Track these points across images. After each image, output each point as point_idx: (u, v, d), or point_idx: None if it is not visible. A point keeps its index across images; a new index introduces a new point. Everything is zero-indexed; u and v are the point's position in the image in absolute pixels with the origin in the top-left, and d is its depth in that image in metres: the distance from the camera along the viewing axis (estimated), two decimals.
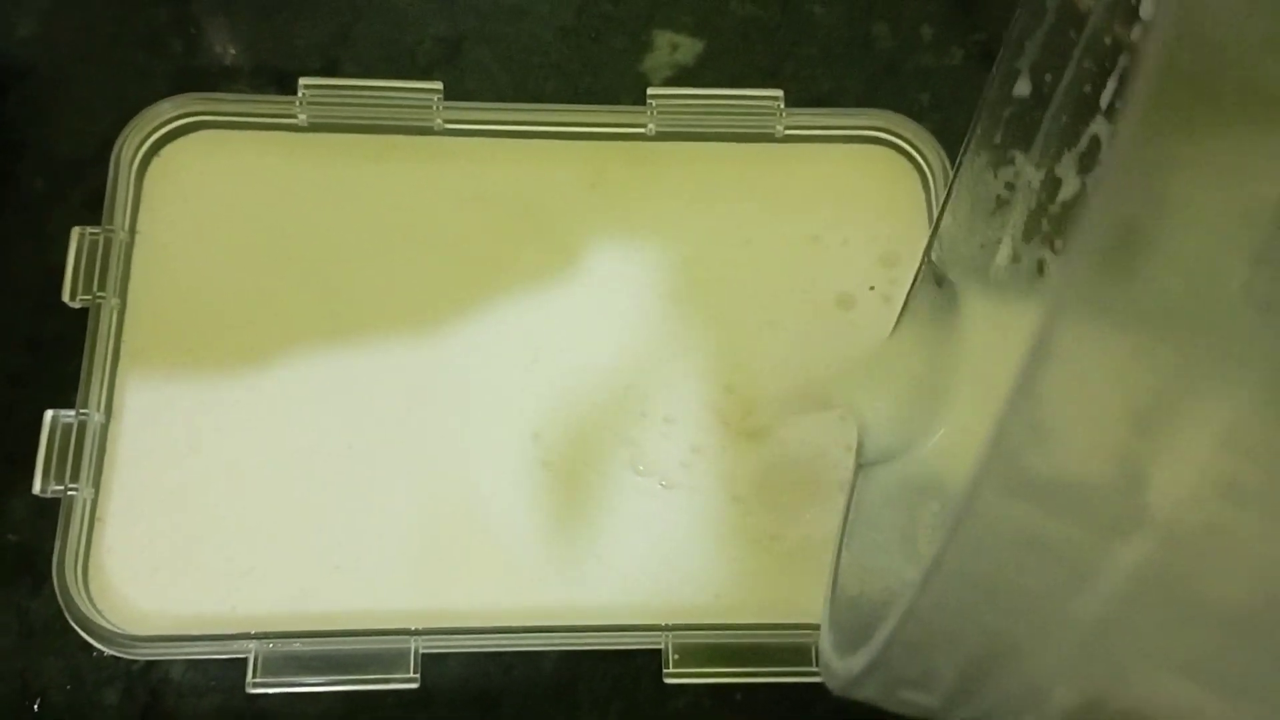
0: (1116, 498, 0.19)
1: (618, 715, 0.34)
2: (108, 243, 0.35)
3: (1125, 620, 0.20)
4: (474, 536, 0.34)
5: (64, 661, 0.33)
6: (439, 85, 0.38)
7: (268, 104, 0.38)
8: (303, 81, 0.38)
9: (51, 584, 0.32)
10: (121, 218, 0.36)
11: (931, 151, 0.38)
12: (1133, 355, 0.18)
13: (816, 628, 0.32)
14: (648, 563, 0.34)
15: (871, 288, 0.37)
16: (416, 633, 0.32)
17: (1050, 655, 0.20)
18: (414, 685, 0.32)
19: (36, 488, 0.33)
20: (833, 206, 0.38)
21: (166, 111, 0.37)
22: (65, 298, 0.35)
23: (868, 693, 0.24)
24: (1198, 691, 0.20)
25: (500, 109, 0.38)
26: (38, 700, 0.33)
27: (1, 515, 0.34)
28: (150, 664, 0.33)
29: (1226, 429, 0.18)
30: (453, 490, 0.34)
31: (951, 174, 0.37)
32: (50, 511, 0.33)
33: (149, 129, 0.37)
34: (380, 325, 0.36)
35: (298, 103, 0.37)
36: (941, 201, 0.37)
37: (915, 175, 0.39)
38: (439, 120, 0.38)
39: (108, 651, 0.32)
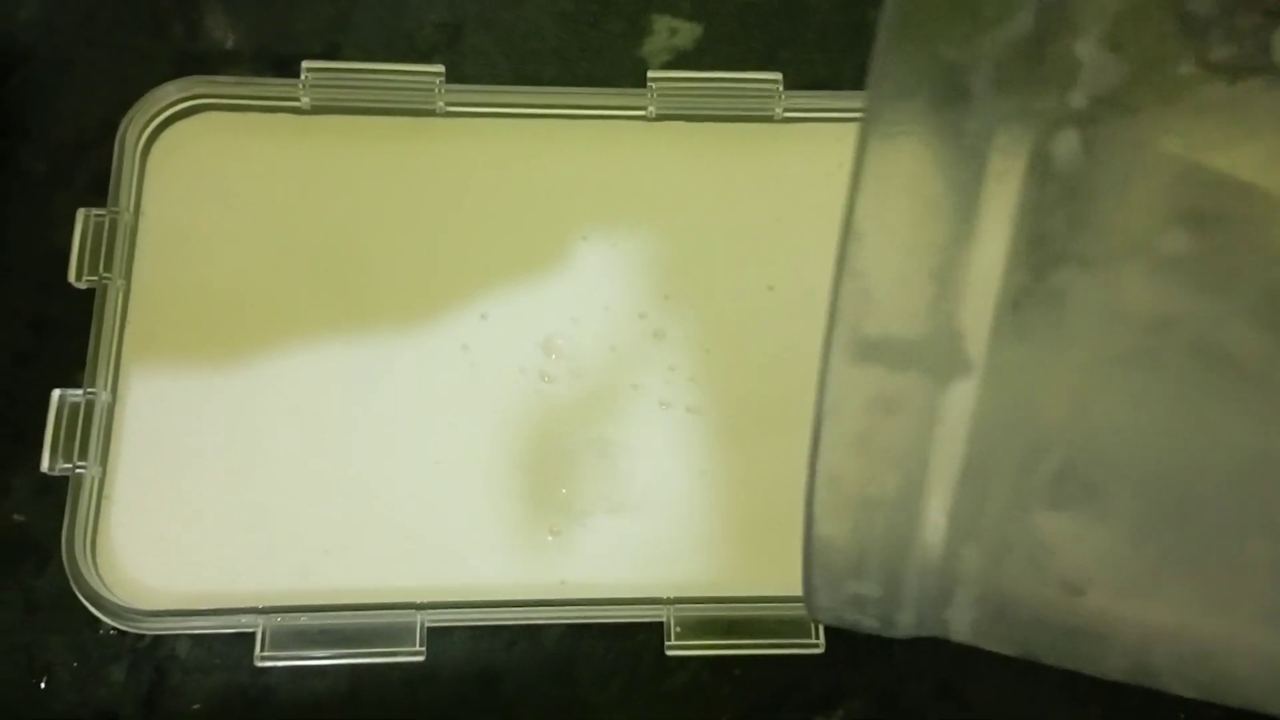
0: (941, 347, 0.22)
1: (619, 688, 0.34)
2: (113, 224, 0.36)
3: (980, 461, 0.23)
4: (477, 511, 0.34)
5: (69, 639, 0.34)
6: (441, 69, 0.38)
7: (271, 86, 0.38)
8: (306, 65, 0.38)
9: (56, 562, 0.33)
10: (127, 199, 0.36)
11: None
12: (918, 223, 0.22)
13: None
14: (650, 537, 0.34)
15: None
16: (422, 606, 0.32)
17: (932, 510, 0.23)
18: (420, 659, 0.32)
19: (45, 465, 0.33)
20: (831, 184, 0.38)
21: (171, 94, 0.37)
22: (71, 278, 0.35)
23: (822, 602, 0.26)
24: (1065, 521, 0.23)
25: (502, 92, 0.39)
26: (44, 677, 0.33)
27: (6, 494, 0.35)
28: (156, 641, 0.33)
29: (999, 277, 0.22)
30: (457, 466, 0.35)
31: None
32: (55, 490, 0.34)
33: (153, 111, 0.37)
34: (383, 304, 0.36)
35: (301, 85, 0.38)
36: None
37: None
38: (441, 103, 0.38)
39: (116, 627, 0.32)
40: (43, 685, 0.33)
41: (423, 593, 0.33)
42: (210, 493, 0.34)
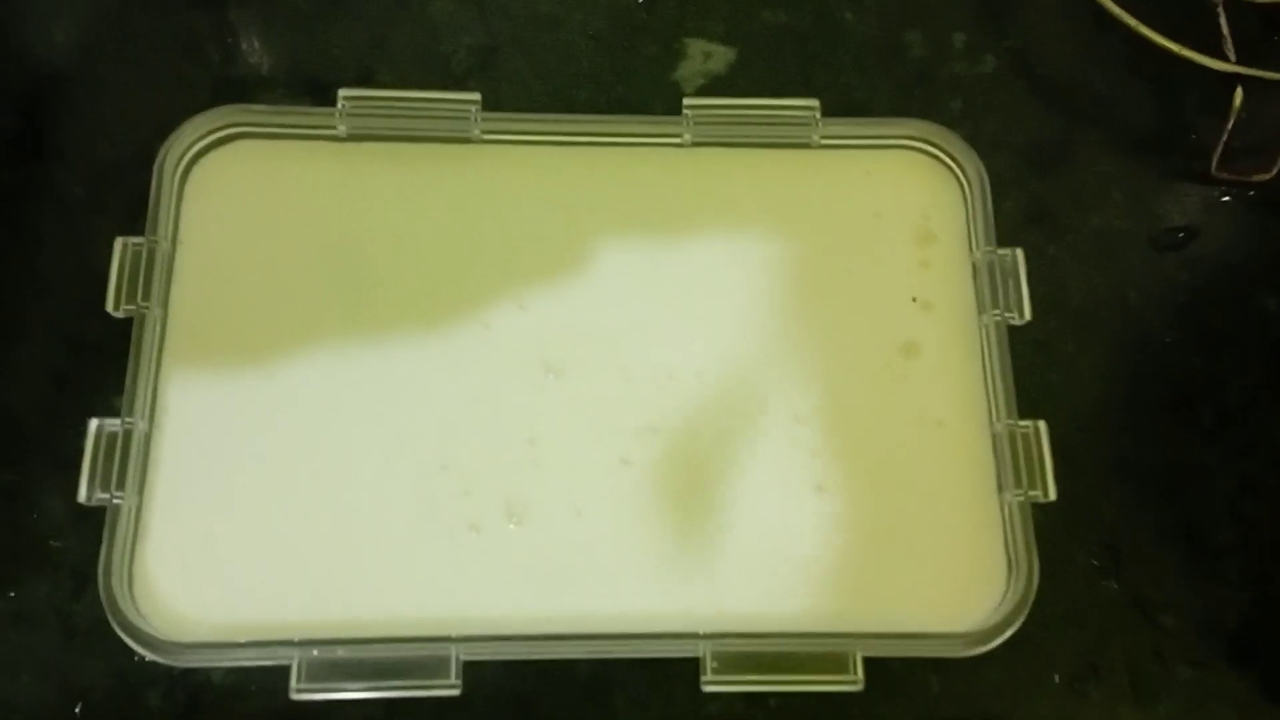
0: None
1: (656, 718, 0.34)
2: (150, 253, 0.36)
3: None
4: (512, 543, 0.34)
5: (106, 664, 0.34)
6: (477, 96, 0.38)
7: (308, 115, 0.38)
8: (342, 93, 0.38)
9: (93, 587, 0.33)
10: (164, 228, 0.36)
11: (967, 159, 0.38)
12: None
13: (853, 636, 0.33)
14: (686, 569, 0.34)
15: (914, 299, 0.37)
16: (458, 639, 0.32)
17: None
18: (455, 692, 0.32)
19: (82, 496, 0.33)
20: (869, 213, 0.38)
21: (208, 123, 0.37)
22: (109, 307, 0.35)
23: None
24: None
25: (538, 120, 0.39)
26: (79, 703, 0.33)
27: (44, 519, 0.35)
28: (191, 668, 0.33)
29: None
30: (492, 498, 0.34)
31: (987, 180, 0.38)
32: (92, 515, 0.34)
33: (190, 140, 0.37)
34: (419, 332, 0.36)
35: (337, 114, 0.38)
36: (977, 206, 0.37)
37: (952, 181, 0.39)
38: (477, 130, 0.38)
39: (153, 658, 0.32)
40: (77, 710, 0.33)
41: (458, 625, 0.33)
42: (247, 522, 0.34)
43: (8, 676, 0.34)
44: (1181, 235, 0.40)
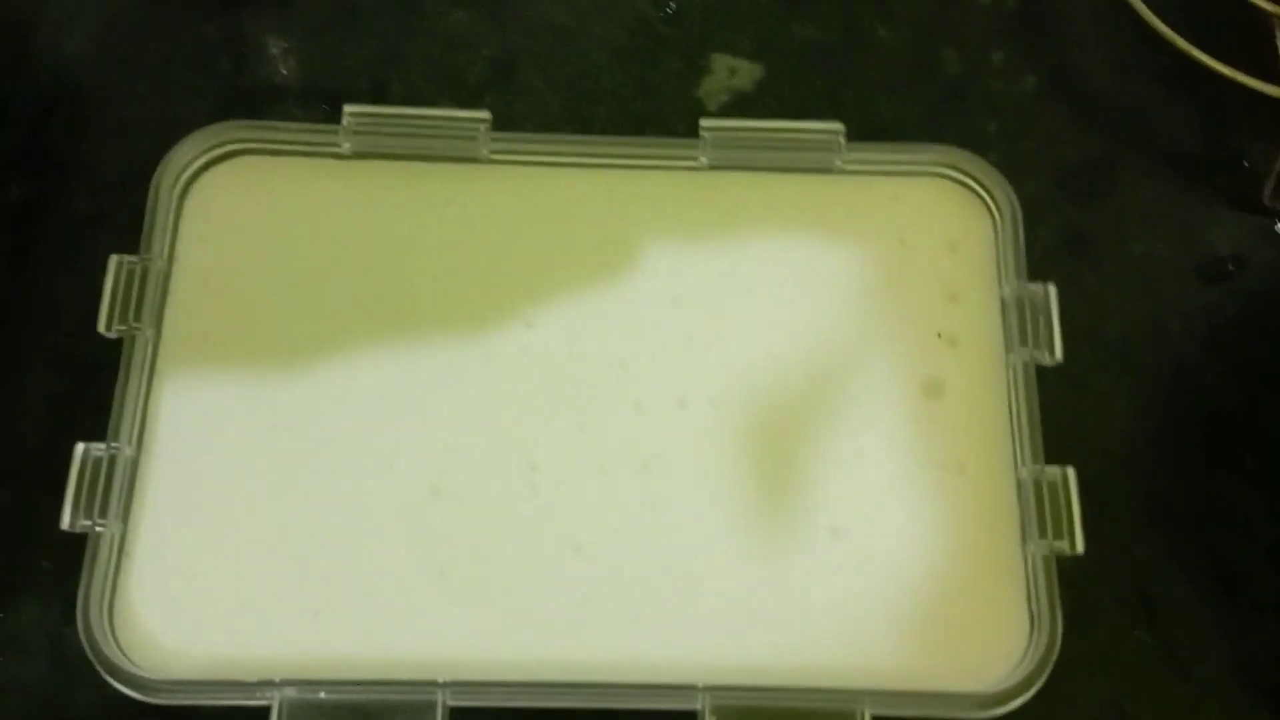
0: None
1: None
2: (144, 271, 0.35)
3: None
4: (502, 583, 0.33)
5: (94, 692, 0.33)
6: (486, 115, 0.37)
7: (310, 132, 0.37)
8: (348, 109, 0.37)
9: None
10: (160, 245, 0.35)
11: (998, 188, 0.36)
12: None
13: (862, 692, 0.31)
14: (682, 616, 0.32)
15: (939, 334, 0.35)
16: (444, 685, 0.31)
17: None
18: None
19: (65, 522, 0.32)
20: (894, 243, 0.36)
21: (208, 139, 0.36)
22: (101, 328, 0.34)
23: None
24: None
25: (548, 140, 0.37)
26: None
27: (36, 541, 0.34)
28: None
29: None
30: (484, 535, 0.33)
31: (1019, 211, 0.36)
32: (83, 538, 0.33)
33: (190, 156, 0.36)
34: (421, 360, 0.35)
35: (342, 131, 0.37)
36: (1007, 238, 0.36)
37: (982, 212, 0.37)
38: (485, 150, 0.37)
39: (130, 694, 0.31)
40: None
41: (449, 669, 0.31)
42: (232, 553, 0.33)
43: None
44: (1230, 266, 0.38)
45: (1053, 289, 0.35)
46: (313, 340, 0.35)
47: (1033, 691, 0.31)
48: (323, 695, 0.31)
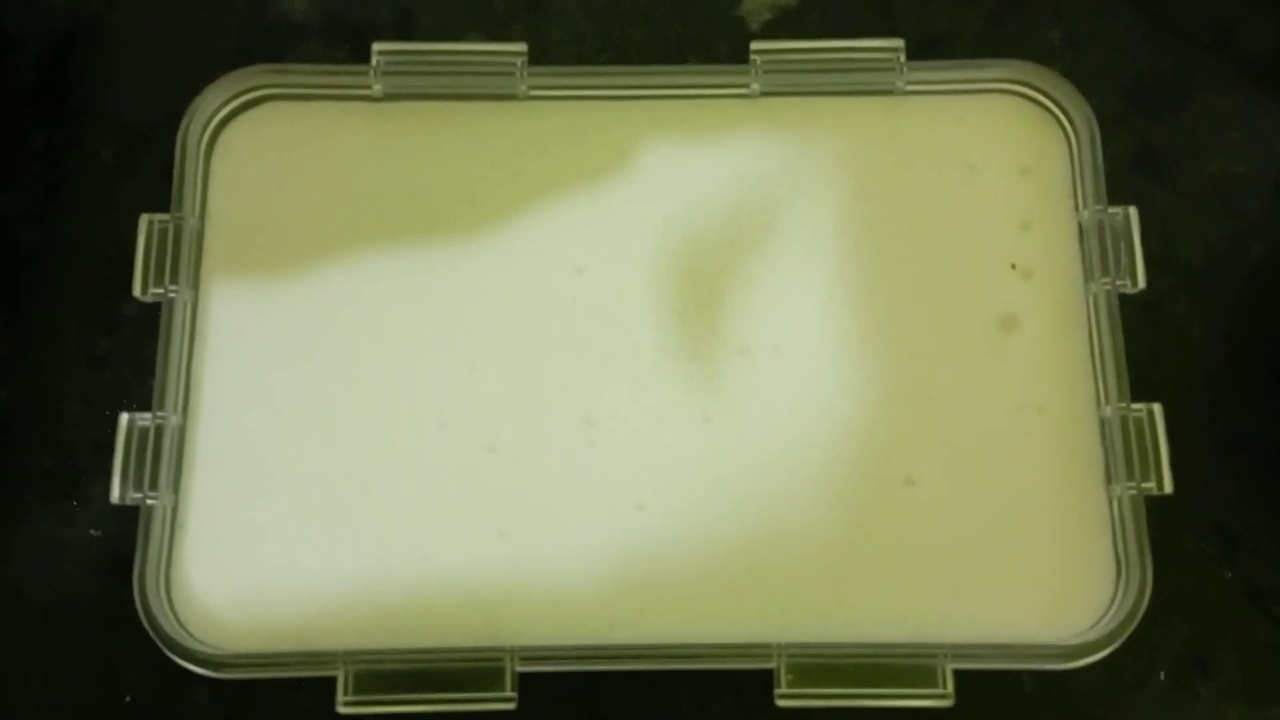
0: None
1: None
2: (178, 230, 0.33)
3: None
4: (565, 544, 0.32)
5: (155, 658, 0.32)
6: (523, 47, 0.35)
7: (341, 75, 0.35)
8: (376, 47, 0.35)
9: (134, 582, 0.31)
10: (191, 202, 0.34)
11: (1073, 105, 0.34)
12: None
13: (943, 646, 0.30)
14: (760, 572, 0.31)
15: (1013, 266, 0.34)
16: (513, 651, 0.30)
17: None
18: (511, 706, 0.30)
19: (115, 496, 0.32)
20: (962, 168, 0.35)
21: (233, 85, 0.35)
22: (137, 292, 0.33)
23: None
24: None
25: (589, 72, 0.35)
26: (128, 695, 0.32)
27: (85, 509, 0.34)
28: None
29: None
30: (543, 494, 0.32)
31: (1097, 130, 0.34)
32: (133, 507, 0.32)
33: (215, 105, 0.35)
34: (468, 312, 0.34)
35: (372, 71, 0.35)
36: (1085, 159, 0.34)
37: (1056, 130, 0.35)
38: (523, 86, 0.35)
39: (192, 669, 0.31)
40: (128, 699, 0.32)
41: (515, 634, 0.31)
42: (289, 519, 0.32)
43: (53, 668, 0.33)
44: None
45: (1134, 211, 0.33)
46: (354, 296, 0.34)
47: (1123, 639, 0.30)
48: (389, 665, 0.30)
